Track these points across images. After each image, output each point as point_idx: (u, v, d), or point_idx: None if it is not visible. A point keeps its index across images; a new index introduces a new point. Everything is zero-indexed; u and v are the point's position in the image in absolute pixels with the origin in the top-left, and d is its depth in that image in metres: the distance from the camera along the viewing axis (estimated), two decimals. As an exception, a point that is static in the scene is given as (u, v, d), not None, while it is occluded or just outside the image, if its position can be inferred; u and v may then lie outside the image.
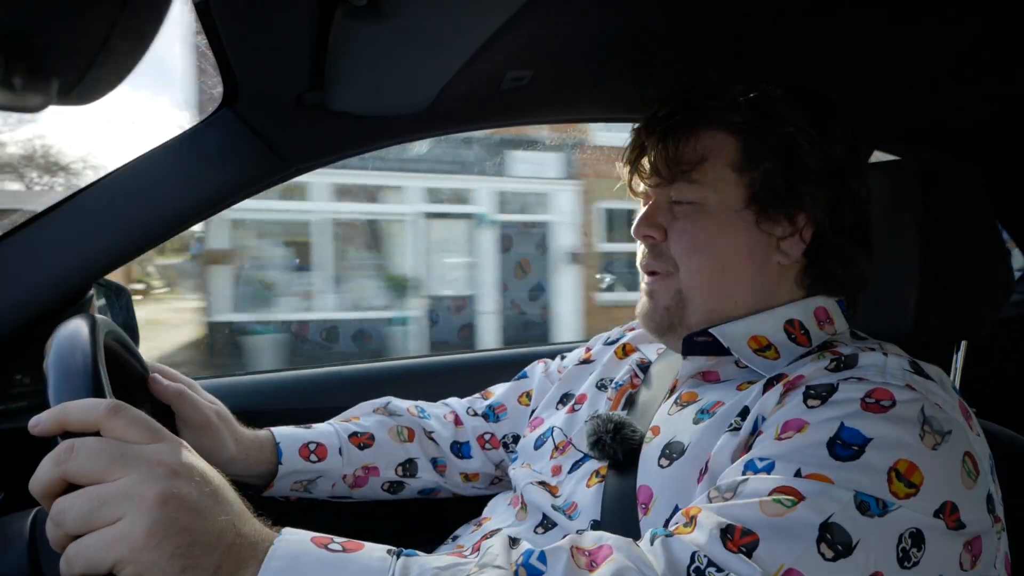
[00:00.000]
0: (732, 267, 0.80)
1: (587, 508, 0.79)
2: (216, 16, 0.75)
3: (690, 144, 0.81)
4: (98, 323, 0.67)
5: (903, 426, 0.61)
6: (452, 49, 0.83)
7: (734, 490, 0.60)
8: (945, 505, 0.58)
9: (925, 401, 0.63)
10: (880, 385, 0.64)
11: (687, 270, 0.81)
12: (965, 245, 0.96)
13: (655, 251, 0.84)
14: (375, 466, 1.02)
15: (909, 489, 0.57)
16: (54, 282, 0.98)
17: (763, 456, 0.62)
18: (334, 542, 0.55)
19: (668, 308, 0.83)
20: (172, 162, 1.01)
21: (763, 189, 0.79)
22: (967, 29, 0.97)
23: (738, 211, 0.80)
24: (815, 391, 0.65)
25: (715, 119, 0.81)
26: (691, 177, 0.80)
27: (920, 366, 0.69)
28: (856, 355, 0.69)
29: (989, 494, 0.63)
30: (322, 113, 0.98)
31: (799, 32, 0.97)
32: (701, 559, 0.56)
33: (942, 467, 0.60)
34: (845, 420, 0.61)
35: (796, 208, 0.80)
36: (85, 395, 0.58)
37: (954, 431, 0.62)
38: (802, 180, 0.79)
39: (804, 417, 0.63)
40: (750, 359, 0.77)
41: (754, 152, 0.80)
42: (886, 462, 0.58)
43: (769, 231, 0.80)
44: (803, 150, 0.79)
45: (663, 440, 0.77)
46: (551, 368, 1.12)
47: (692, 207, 0.81)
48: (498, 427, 1.10)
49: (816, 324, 0.80)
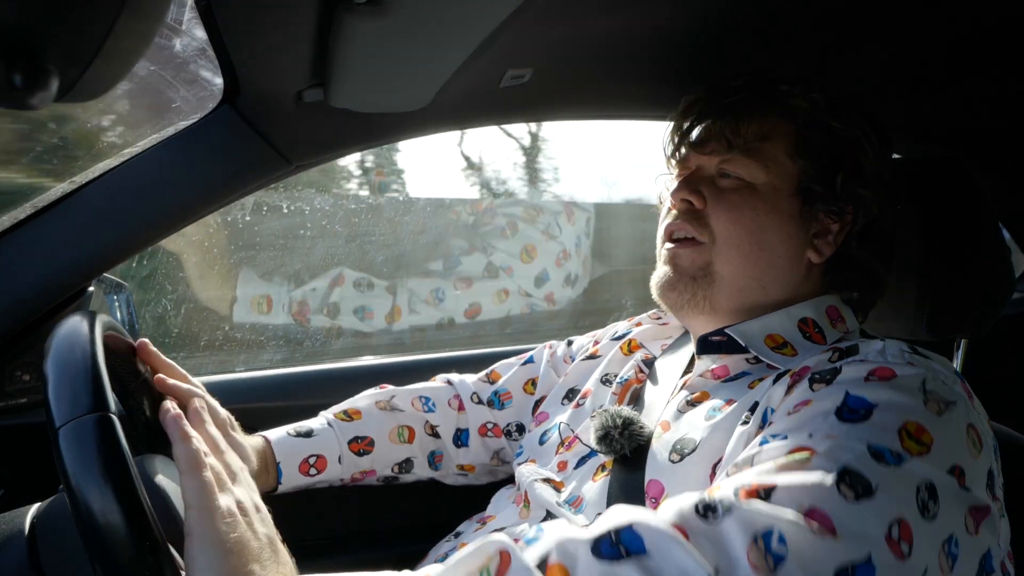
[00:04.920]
0: (770, 251, 0.80)
1: (592, 502, 0.79)
2: (216, 12, 0.75)
3: (755, 121, 0.81)
4: (98, 320, 0.67)
5: (907, 393, 0.60)
6: (452, 47, 0.83)
7: (750, 461, 0.60)
8: (955, 468, 0.57)
9: (927, 374, 0.63)
10: (881, 364, 0.64)
11: (725, 243, 0.80)
12: (966, 244, 0.96)
13: (691, 215, 0.82)
14: (372, 469, 1.03)
15: (920, 447, 0.56)
16: (54, 279, 0.98)
17: (775, 433, 0.62)
18: None
19: (694, 279, 0.81)
20: (172, 159, 1.01)
21: (815, 182, 0.79)
22: (968, 28, 0.97)
23: (785, 196, 0.80)
24: (819, 375, 0.66)
25: (784, 104, 0.81)
26: (748, 152, 0.80)
27: (921, 351, 0.69)
28: (856, 345, 0.70)
29: (991, 470, 0.62)
30: (322, 110, 0.97)
31: (800, 32, 0.97)
32: (707, 498, 0.54)
33: (949, 431, 0.59)
34: (850, 389, 0.61)
35: (841, 209, 0.80)
36: (85, 394, 0.57)
37: (957, 402, 0.62)
38: (855, 182, 0.79)
39: (810, 397, 0.63)
40: (768, 355, 0.77)
41: (813, 144, 0.80)
42: (895, 422, 0.58)
43: (808, 225, 0.80)
44: (863, 155, 0.79)
45: (673, 436, 0.77)
46: (558, 353, 1.12)
47: (740, 183, 0.81)
48: (502, 415, 1.09)
49: (829, 323, 0.80)
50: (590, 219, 5.72)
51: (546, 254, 5.30)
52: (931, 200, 0.96)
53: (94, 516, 0.53)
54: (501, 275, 4.92)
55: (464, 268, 4.70)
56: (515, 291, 4.96)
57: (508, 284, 4.92)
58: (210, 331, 2.50)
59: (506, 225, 5.02)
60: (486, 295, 4.77)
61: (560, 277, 5.37)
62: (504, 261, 5.00)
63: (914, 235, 0.96)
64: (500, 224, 5.01)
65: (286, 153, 1.07)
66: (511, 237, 5.08)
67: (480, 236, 4.95)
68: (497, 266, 4.93)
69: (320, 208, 3.14)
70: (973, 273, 0.96)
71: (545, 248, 5.25)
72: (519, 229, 5.10)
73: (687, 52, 1.01)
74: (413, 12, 0.70)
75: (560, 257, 5.43)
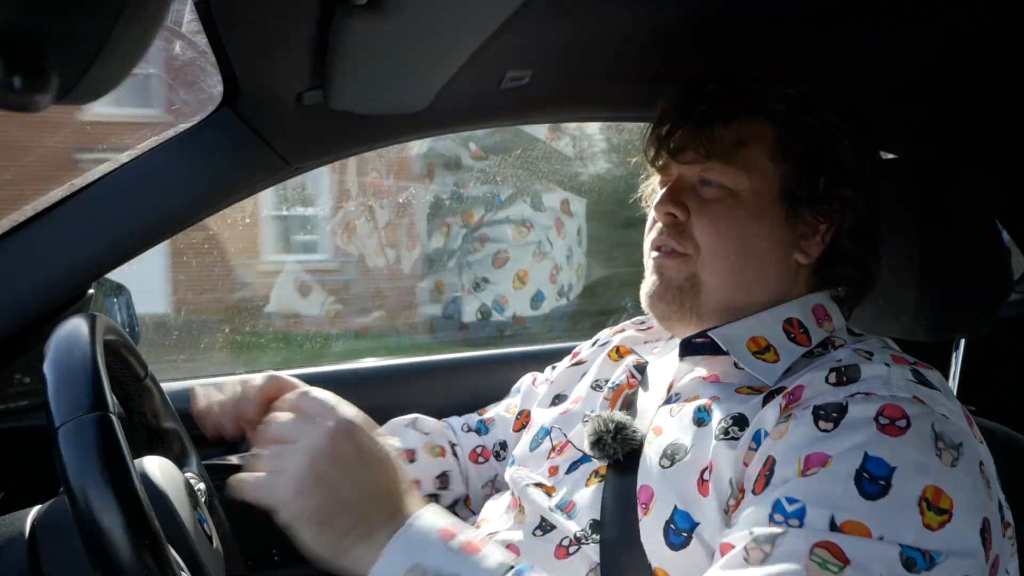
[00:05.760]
0: (756, 259, 0.79)
1: (586, 508, 0.78)
2: (216, 15, 0.75)
3: (732, 126, 0.79)
4: (98, 322, 0.67)
5: (921, 448, 0.60)
6: (452, 48, 0.83)
7: (772, 542, 0.59)
8: (984, 522, 0.58)
9: (934, 415, 0.63)
10: (888, 400, 0.63)
11: (710, 255, 0.80)
12: (965, 244, 0.96)
13: (675, 229, 0.81)
14: (418, 479, 1.03)
15: (941, 516, 0.57)
16: (54, 281, 0.98)
17: (791, 497, 0.60)
18: (456, 539, 0.58)
19: (681, 289, 0.81)
20: (172, 161, 1.01)
21: (799, 184, 0.79)
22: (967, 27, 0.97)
23: (770, 202, 0.79)
24: (824, 412, 0.64)
25: (759, 107, 0.80)
26: (728, 159, 0.79)
27: (922, 374, 0.68)
28: (858, 366, 0.68)
29: (999, 500, 0.64)
30: (321, 112, 0.98)
31: (801, 32, 0.97)
32: None
33: (965, 484, 0.60)
34: (868, 449, 0.60)
35: (827, 208, 0.79)
36: (84, 395, 0.58)
37: (965, 442, 0.62)
38: (839, 181, 0.78)
39: (825, 449, 0.62)
40: (749, 363, 0.76)
41: (793, 145, 0.79)
42: (914, 492, 0.58)
43: (794, 228, 0.80)
44: (844, 151, 0.78)
45: (665, 441, 0.76)
46: (539, 380, 1.12)
47: (723, 191, 0.80)
48: (488, 438, 1.10)
49: (815, 322, 0.80)
50: (581, 228, 5.75)
51: (538, 274, 5.41)
52: (930, 200, 0.96)
53: (93, 515, 0.53)
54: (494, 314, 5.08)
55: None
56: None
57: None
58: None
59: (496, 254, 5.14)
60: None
61: (553, 292, 5.47)
62: (498, 293, 5.15)
63: (913, 235, 0.96)
64: (490, 251, 5.15)
65: (286, 155, 1.08)
66: (502, 267, 5.21)
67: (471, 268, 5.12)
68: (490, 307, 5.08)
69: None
70: (971, 273, 0.97)
71: (537, 269, 5.35)
72: (510, 257, 5.22)
73: (689, 53, 1.02)
74: (413, 14, 0.70)
75: (552, 273, 5.51)
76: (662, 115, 0.86)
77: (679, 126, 0.83)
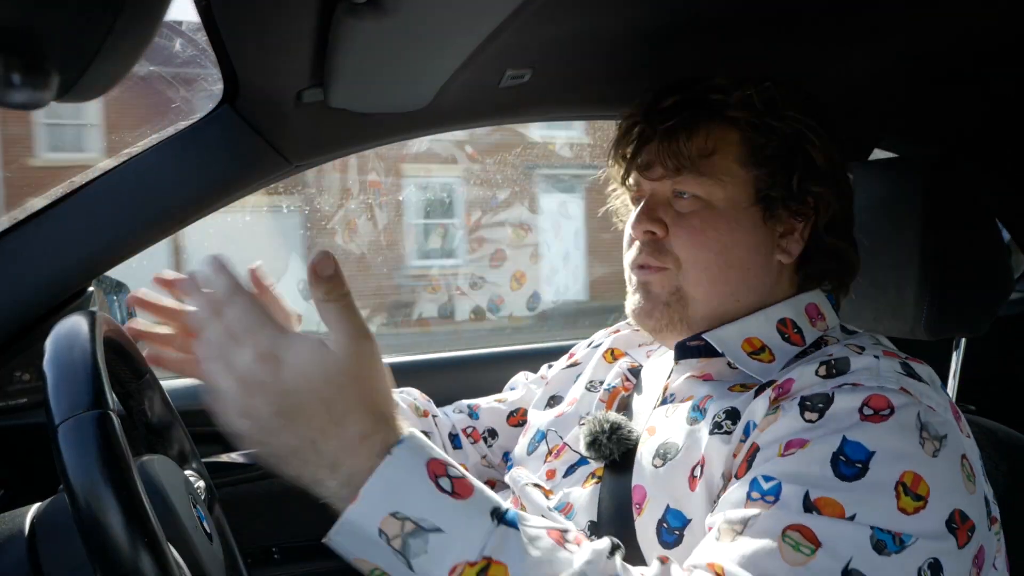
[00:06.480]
0: (738, 266, 0.80)
1: (583, 509, 0.79)
2: (216, 12, 0.75)
3: (698, 137, 0.79)
4: (98, 320, 0.67)
5: (903, 435, 0.61)
6: (452, 47, 0.83)
7: (745, 523, 0.59)
8: (954, 514, 0.58)
9: (920, 406, 0.63)
10: (875, 391, 0.63)
11: (692, 267, 0.80)
12: (965, 243, 0.97)
13: (654, 246, 0.81)
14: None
15: (917, 502, 0.57)
16: (54, 279, 0.98)
17: (768, 475, 0.61)
18: (446, 477, 0.52)
19: (668, 304, 0.81)
20: (171, 159, 1.01)
21: (772, 186, 0.79)
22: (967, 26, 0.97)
23: (745, 208, 0.79)
24: (811, 402, 0.65)
25: (721, 114, 0.79)
26: (699, 170, 0.79)
27: (912, 367, 0.68)
28: (847, 358, 0.69)
29: (986, 497, 0.64)
30: (322, 110, 0.98)
31: (801, 30, 0.97)
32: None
33: (945, 473, 0.60)
34: (847, 433, 0.61)
35: (802, 206, 0.79)
36: (84, 392, 0.57)
37: (949, 435, 0.62)
38: (811, 178, 0.78)
39: (805, 435, 0.62)
40: (745, 363, 0.77)
41: (761, 148, 0.79)
42: (892, 476, 0.58)
43: (773, 229, 0.80)
44: (812, 146, 0.78)
45: (658, 440, 0.76)
46: (531, 377, 1.13)
47: (698, 202, 0.80)
48: (478, 423, 1.10)
49: (808, 321, 0.80)
50: (578, 231, 5.82)
51: (535, 275, 5.46)
52: (930, 198, 0.96)
53: (93, 513, 0.53)
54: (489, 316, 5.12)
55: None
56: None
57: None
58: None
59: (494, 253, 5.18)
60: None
61: (550, 293, 5.53)
62: (495, 295, 5.20)
63: (913, 235, 0.96)
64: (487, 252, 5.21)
65: (286, 153, 1.08)
66: (500, 267, 5.26)
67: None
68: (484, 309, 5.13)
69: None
70: (971, 273, 0.97)
71: (533, 270, 5.40)
72: (507, 258, 5.27)
73: (690, 51, 1.01)
74: (413, 12, 0.70)
75: (550, 274, 5.58)
76: (624, 132, 0.85)
77: (644, 142, 0.83)
